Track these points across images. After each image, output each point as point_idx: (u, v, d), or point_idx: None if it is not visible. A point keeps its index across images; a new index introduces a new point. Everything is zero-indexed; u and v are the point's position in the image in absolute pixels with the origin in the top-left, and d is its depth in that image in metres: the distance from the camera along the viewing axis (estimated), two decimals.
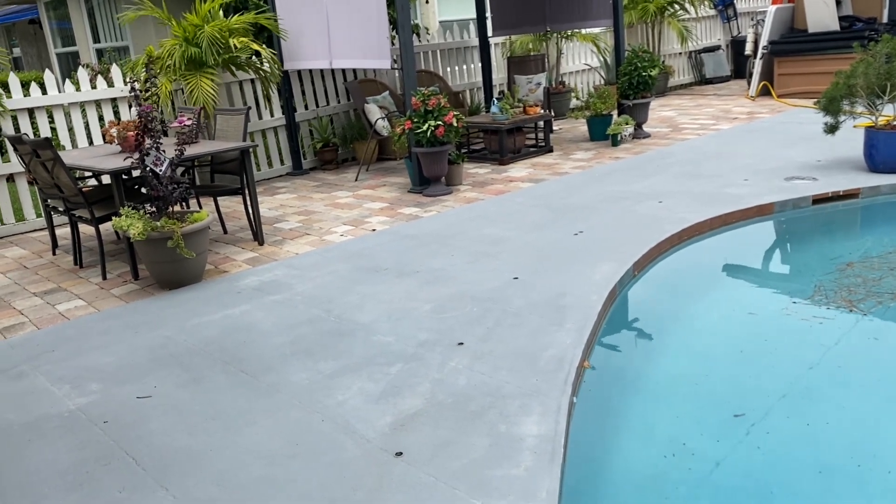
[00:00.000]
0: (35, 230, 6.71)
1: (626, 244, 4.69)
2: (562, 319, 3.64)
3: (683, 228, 4.93)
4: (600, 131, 8.47)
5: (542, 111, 8.11)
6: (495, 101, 7.76)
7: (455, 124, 6.40)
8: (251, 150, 5.33)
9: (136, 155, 4.36)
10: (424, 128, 6.31)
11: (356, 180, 7.67)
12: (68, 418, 3.10)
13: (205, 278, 4.78)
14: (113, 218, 4.61)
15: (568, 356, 3.24)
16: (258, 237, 5.48)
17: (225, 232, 5.94)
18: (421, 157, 6.58)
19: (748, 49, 11.64)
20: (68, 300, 4.65)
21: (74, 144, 7.03)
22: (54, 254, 5.79)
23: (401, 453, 2.62)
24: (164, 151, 4.45)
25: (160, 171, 4.35)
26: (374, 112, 7.97)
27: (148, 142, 4.35)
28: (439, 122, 6.31)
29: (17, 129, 6.71)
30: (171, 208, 4.52)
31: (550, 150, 8.20)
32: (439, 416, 2.85)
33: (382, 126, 7.91)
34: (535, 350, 3.34)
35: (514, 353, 3.34)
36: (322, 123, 8.53)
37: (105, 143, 5.79)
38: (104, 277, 4.99)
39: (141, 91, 4.54)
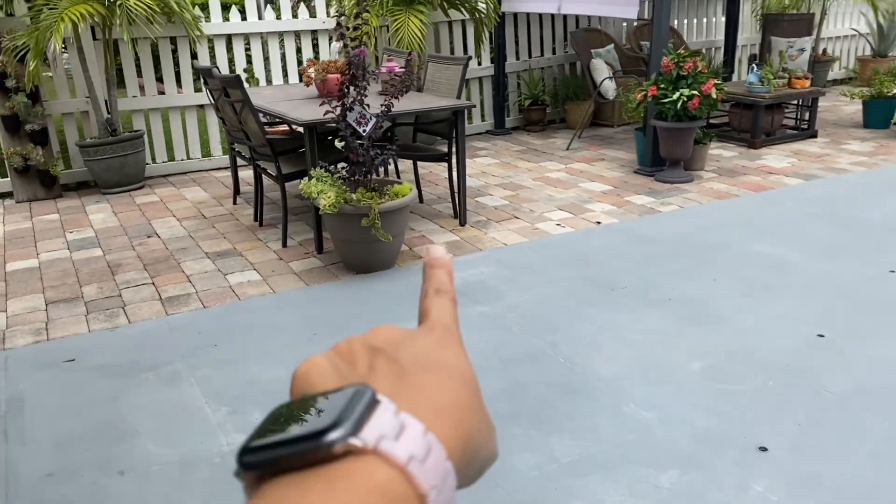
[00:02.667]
0: (219, 168, 6.22)
1: None
2: None
3: None
4: (881, 117, 6.71)
5: (810, 85, 6.49)
6: (754, 68, 6.26)
7: (714, 96, 5.06)
8: (466, 110, 4.35)
9: (339, 109, 3.50)
10: (675, 97, 5.02)
11: (567, 149, 6.53)
12: (218, 467, 2.33)
13: (397, 264, 3.93)
14: (302, 181, 3.81)
15: None
16: (460, 217, 4.54)
17: (420, 201, 5.06)
18: (661, 133, 5.32)
19: None
20: (242, 269, 3.97)
21: (269, 79, 6.43)
22: (235, 202, 5.20)
23: None
24: (368, 106, 3.56)
25: (363, 131, 3.47)
26: (600, 70, 6.73)
27: (353, 93, 3.47)
28: (694, 92, 5.00)
29: (212, 56, 6.18)
30: (369, 176, 3.66)
31: (814, 136, 6.60)
32: None
33: (610, 87, 6.67)
34: (889, 483, 2.14)
35: (856, 482, 2.16)
36: (533, 77, 7.40)
37: (302, 83, 5.07)
38: (284, 245, 4.27)
39: (348, 28, 3.64)
